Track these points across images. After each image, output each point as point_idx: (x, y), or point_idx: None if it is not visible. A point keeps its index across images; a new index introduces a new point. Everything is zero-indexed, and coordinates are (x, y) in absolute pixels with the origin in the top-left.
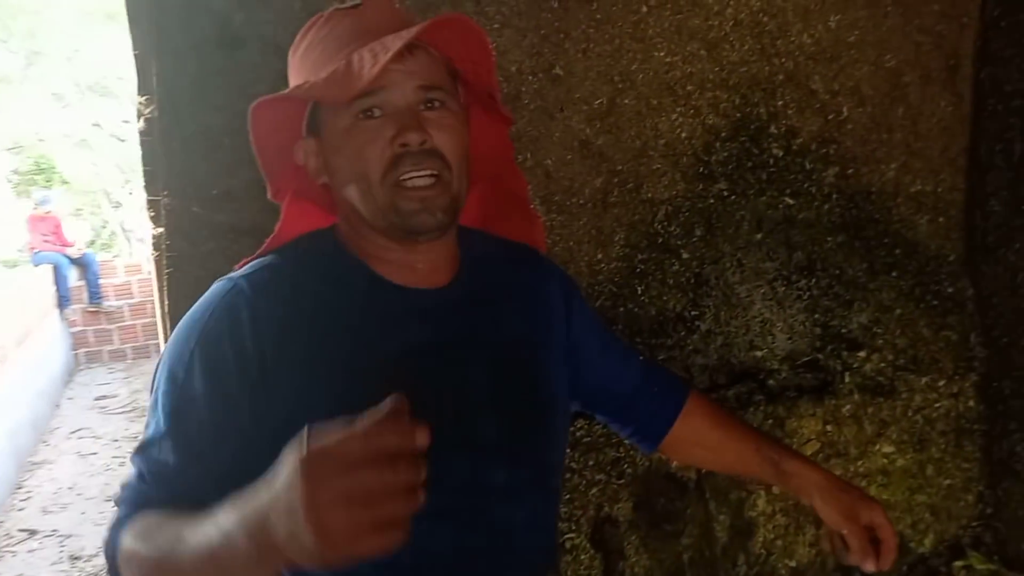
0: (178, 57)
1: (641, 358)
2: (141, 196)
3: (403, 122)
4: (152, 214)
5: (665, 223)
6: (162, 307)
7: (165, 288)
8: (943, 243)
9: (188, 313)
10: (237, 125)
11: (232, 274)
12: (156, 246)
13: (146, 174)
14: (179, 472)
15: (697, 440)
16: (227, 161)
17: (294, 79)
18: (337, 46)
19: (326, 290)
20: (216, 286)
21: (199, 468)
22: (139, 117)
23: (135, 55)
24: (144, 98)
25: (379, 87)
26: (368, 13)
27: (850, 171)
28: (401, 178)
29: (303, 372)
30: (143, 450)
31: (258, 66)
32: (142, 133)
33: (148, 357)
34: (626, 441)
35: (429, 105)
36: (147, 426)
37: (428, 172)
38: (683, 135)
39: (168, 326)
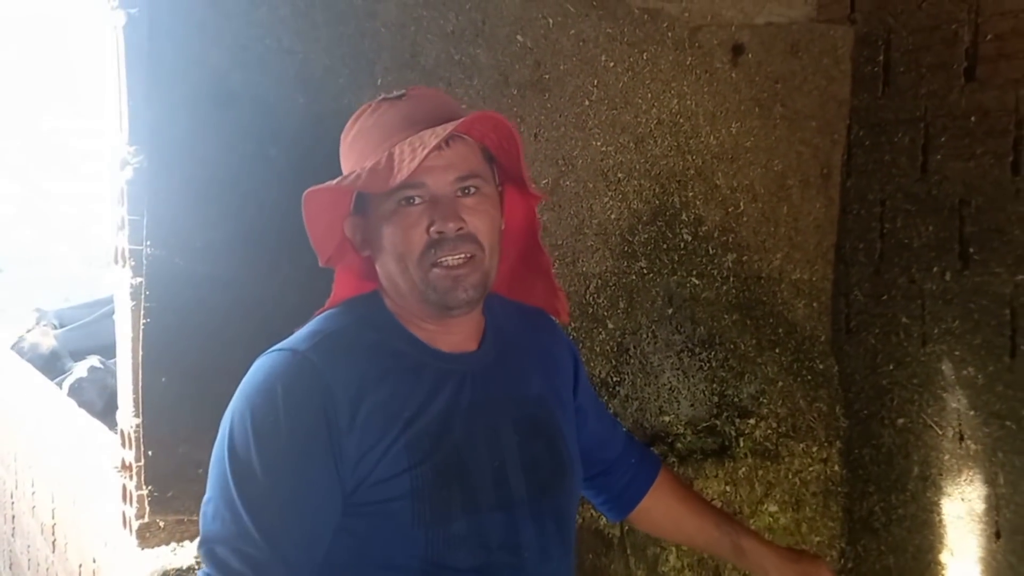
0: (171, 109)
1: (624, 429)
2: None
3: (440, 211)
4: (133, 263)
5: (595, 295)
6: (134, 357)
7: (140, 339)
8: (815, 325)
9: (246, 391)
10: (224, 179)
11: (288, 346)
12: (134, 296)
13: (130, 223)
14: (271, 555)
15: (663, 512)
16: (212, 214)
17: (344, 165)
18: (381, 137)
19: (379, 355)
20: (273, 359)
21: (289, 543)
22: (124, 166)
23: (129, 105)
24: (133, 147)
25: (418, 179)
26: (412, 103)
27: (744, 258)
28: (437, 260)
29: (372, 435)
30: (225, 543)
31: (249, 124)
32: (128, 182)
33: None
34: (596, 508)
35: (465, 191)
36: (213, 519)
37: (462, 255)
38: (612, 216)
39: (141, 377)
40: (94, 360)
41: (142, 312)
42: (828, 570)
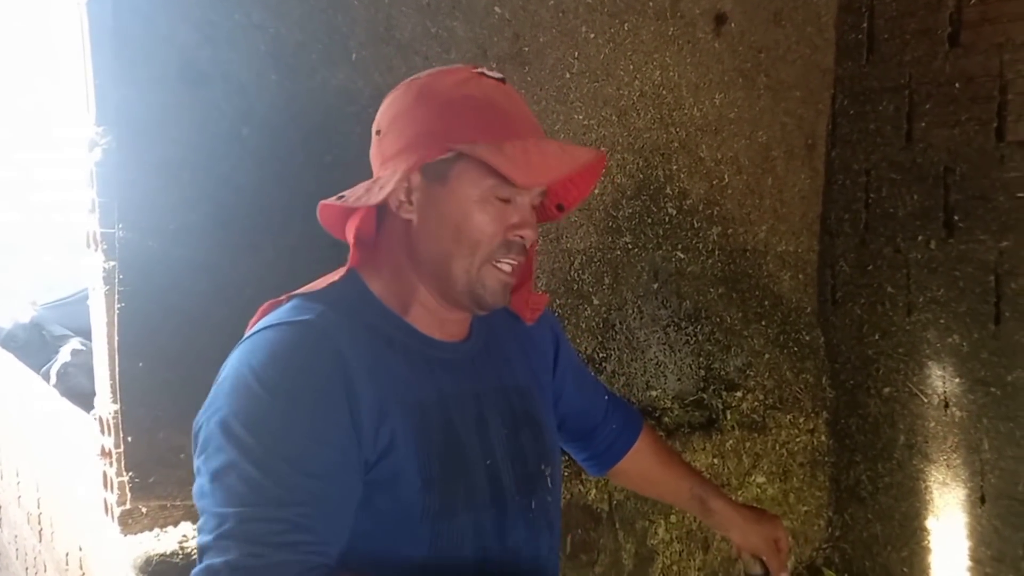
0: (140, 89)
1: (607, 396)
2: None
3: (526, 217)
4: (105, 247)
5: (580, 271)
6: (110, 342)
7: (116, 324)
8: (801, 297)
9: (248, 367)
10: (196, 160)
11: (283, 320)
12: (108, 280)
13: (101, 206)
14: (310, 523)
15: (640, 472)
16: (185, 196)
17: (430, 117)
18: (502, 121)
19: (376, 336)
20: (273, 333)
21: (323, 514)
22: (92, 147)
23: (95, 84)
24: (101, 128)
25: (532, 184)
26: (512, 91)
27: (730, 231)
28: (499, 260)
29: (382, 410)
30: (255, 518)
31: (220, 102)
32: (98, 164)
33: None
34: (578, 462)
35: (534, 205)
36: (231, 497)
37: (517, 262)
38: (596, 191)
39: (118, 362)
40: (75, 343)
41: (116, 296)
42: (783, 529)
